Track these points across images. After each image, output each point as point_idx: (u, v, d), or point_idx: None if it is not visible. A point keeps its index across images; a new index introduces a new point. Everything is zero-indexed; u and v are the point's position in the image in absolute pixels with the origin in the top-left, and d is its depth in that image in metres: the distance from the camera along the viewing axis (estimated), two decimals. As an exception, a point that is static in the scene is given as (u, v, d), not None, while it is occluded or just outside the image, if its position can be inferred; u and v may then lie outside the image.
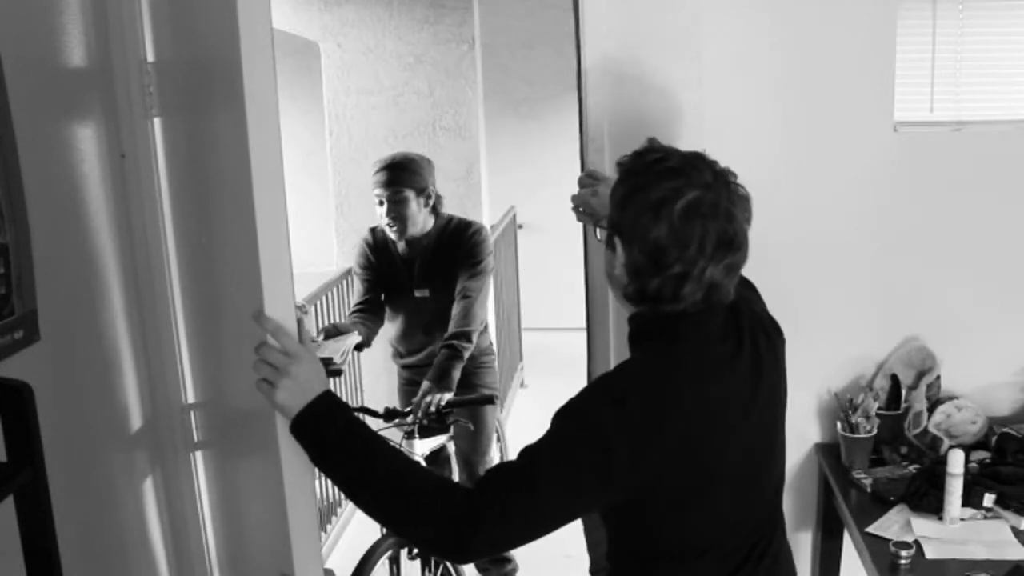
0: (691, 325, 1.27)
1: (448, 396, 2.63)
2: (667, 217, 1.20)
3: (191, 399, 1.67)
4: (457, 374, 2.72)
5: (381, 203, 2.84)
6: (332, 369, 2.41)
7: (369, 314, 2.95)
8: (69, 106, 1.40)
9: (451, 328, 2.78)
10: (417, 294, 2.94)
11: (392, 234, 2.88)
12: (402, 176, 2.82)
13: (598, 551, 1.93)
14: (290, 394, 1.20)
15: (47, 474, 0.95)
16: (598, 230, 1.33)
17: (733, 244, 1.24)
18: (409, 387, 3.08)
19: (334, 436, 1.21)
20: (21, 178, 1.17)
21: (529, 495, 1.18)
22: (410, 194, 2.82)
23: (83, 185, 1.42)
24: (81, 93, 1.44)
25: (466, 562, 1.54)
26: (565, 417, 1.22)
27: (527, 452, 1.22)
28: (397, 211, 2.82)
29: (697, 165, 1.25)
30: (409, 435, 2.63)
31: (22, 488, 0.93)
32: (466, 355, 2.77)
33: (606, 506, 1.29)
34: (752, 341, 1.36)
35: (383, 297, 3.02)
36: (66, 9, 1.37)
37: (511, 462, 1.23)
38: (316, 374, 1.22)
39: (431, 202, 2.89)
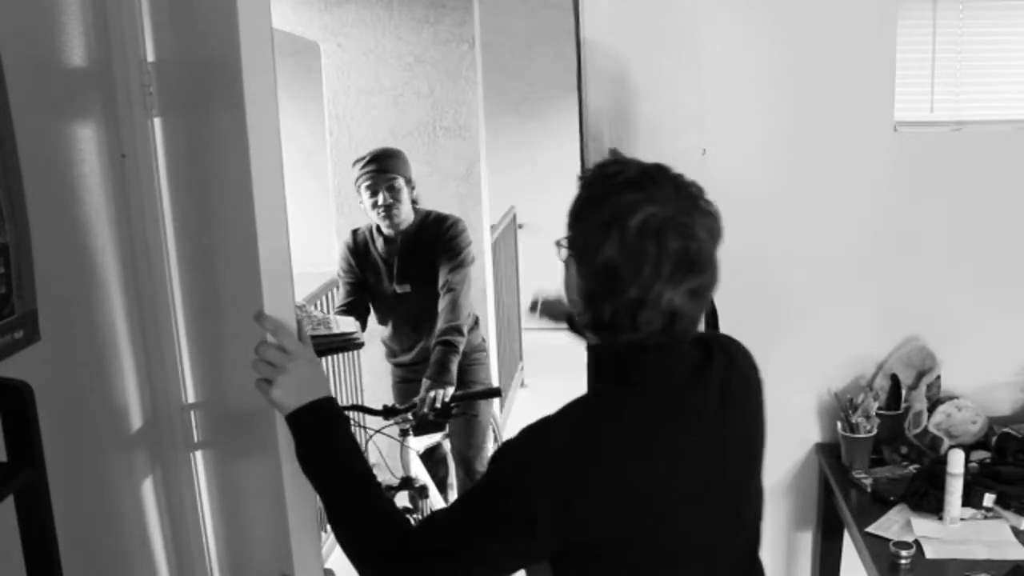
0: (651, 366, 1.16)
1: (451, 391, 2.64)
2: (619, 234, 1.09)
3: (191, 399, 1.67)
4: (455, 367, 2.73)
5: (374, 194, 2.84)
6: (357, 342, 2.43)
7: (352, 315, 2.95)
8: (69, 106, 1.40)
9: (440, 324, 2.79)
10: (399, 290, 2.95)
11: (385, 225, 2.89)
12: (394, 164, 2.85)
13: None
14: (286, 391, 1.19)
15: (47, 474, 0.95)
16: (561, 249, 1.20)
17: (696, 265, 1.11)
18: (403, 385, 3.09)
19: (320, 444, 1.21)
20: (21, 178, 1.17)
21: (451, 558, 1.14)
22: (402, 182, 2.84)
23: (83, 185, 1.42)
24: (81, 93, 1.44)
25: None
26: (494, 472, 1.15)
27: (453, 510, 1.19)
28: (394, 197, 2.83)
29: (656, 178, 1.14)
30: (405, 432, 2.63)
31: (22, 488, 0.93)
32: (461, 347, 2.77)
33: (541, 556, 1.19)
34: (723, 387, 1.22)
35: (367, 299, 3.03)
36: (66, 9, 1.37)
37: (443, 514, 1.18)
38: (314, 373, 1.22)
39: (415, 193, 2.91)
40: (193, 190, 1.57)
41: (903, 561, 1.80)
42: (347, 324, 2.47)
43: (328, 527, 3.86)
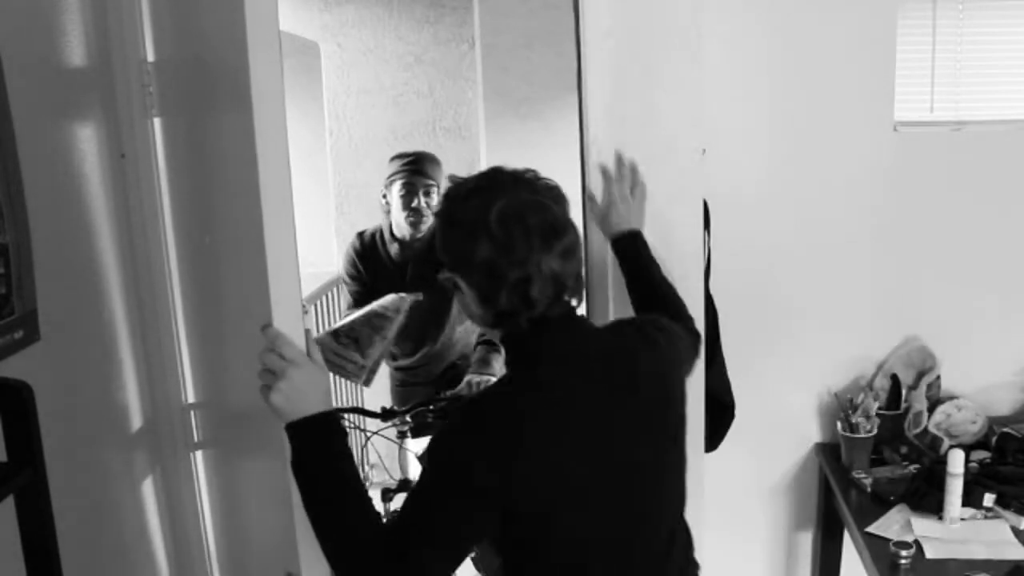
0: (554, 341, 1.27)
1: (492, 380, 2.61)
2: (484, 233, 1.20)
3: (191, 399, 1.67)
4: (497, 364, 2.70)
5: (410, 194, 2.79)
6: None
7: None
8: (69, 106, 1.40)
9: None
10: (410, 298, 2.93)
11: (407, 230, 2.85)
12: (435, 170, 2.82)
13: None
14: (284, 397, 1.19)
15: (47, 474, 0.95)
16: (447, 284, 1.30)
17: (557, 229, 1.23)
18: (403, 388, 3.07)
19: (313, 458, 1.21)
20: (21, 178, 1.17)
21: (431, 548, 1.19)
22: (437, 191, 2.82)
23: (83, 185, 1.42)
24: (81, 93, 1.44)
25: None
26: (432, 455, 1.23)
27: (407, 500, 1.23)
28: (428, 204, 2.80)
29: (495, 176, 1.28)
30: (403, 435, 2.63)
31: (22, 488, 0.93)
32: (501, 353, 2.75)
33: (494, 529, 1.25)
34: (629, 360, 1.31)
35: None
36: (66, 9, 1.37)
37: (400, 511, 1.23)
38: (313, 382, 1.21)
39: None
40: (194, 190, 1.57)
41: (903, 561, 1.80)
42: (397, 300, 2.47)
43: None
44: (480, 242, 1.21)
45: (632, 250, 1.69)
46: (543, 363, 1.26)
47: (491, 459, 1.18)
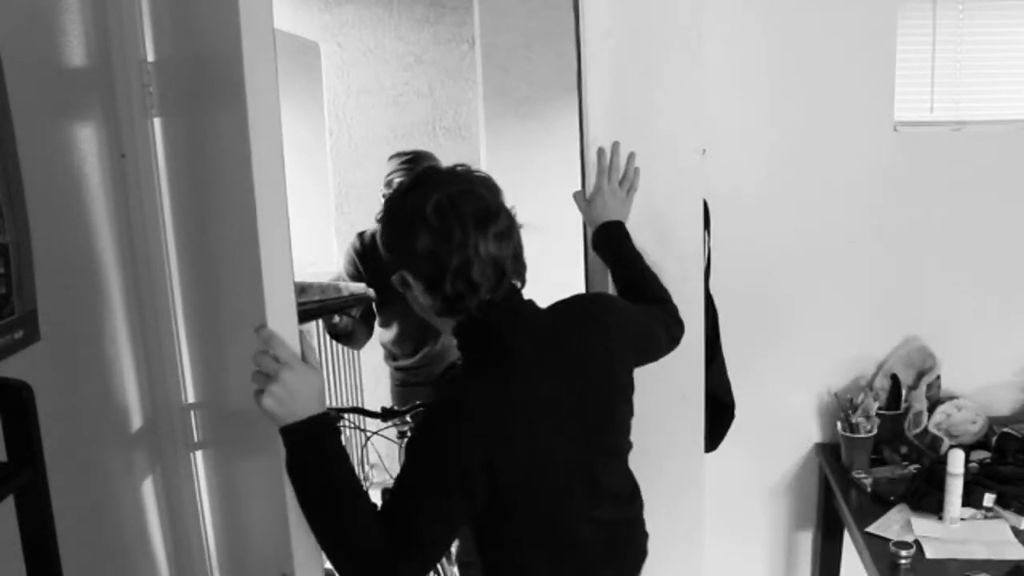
0: (501, 323, 1.34)
1: None
2: (423, 224, 1.27)
3: (191, 399, 1.67)
4: None
5: None
6: (370, 297, 2.55)
7: (361, 323, 2.93)
8: (69, 106, 1.40)
9: None
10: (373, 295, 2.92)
11: None
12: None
13: (467, 542, 1.99)
14: (277, 400, 1.18)
15: (47, 474, 0.95)
16: (400, 283, 1.37)
17: (490, 214, 1.29)
18: (403, 388, 3.07)
19: (309, 460, 1.22)
20: (21, 178, 1.17)
21: (414, 527, 1.24)
22: None
23: (83, 185, 1.42)
24: (81, 93, 1.44)
25: None
26: (410, 446, 1.29)
27: (394, 490, 1.27)
28: None
29: (430, 172, 1.37)
30: (403, 435, 2.62)
31: (22, 488, 0.93)
32: None
33: (472, 506, 1.33)
34: (575, 335, 1.40)
35: (373, 307, 3.00)
36: (66, 9, 1.37)
37: (387, 502, 1.27)
38: (307, 384, 1.21)
39: None
40: (194, 190, 1.57)
41: (903, 561, 1.80)
42: (357, 288, 2.52)
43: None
44: (420, 234, 1.27)
45: (611, 239, 1.73)
46: (495, 346, 1.33)
47: (462, 439, 1.25)
